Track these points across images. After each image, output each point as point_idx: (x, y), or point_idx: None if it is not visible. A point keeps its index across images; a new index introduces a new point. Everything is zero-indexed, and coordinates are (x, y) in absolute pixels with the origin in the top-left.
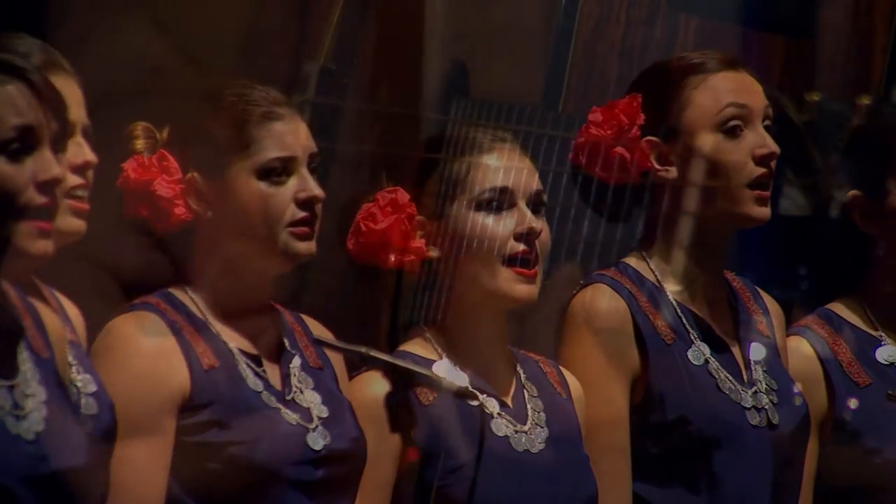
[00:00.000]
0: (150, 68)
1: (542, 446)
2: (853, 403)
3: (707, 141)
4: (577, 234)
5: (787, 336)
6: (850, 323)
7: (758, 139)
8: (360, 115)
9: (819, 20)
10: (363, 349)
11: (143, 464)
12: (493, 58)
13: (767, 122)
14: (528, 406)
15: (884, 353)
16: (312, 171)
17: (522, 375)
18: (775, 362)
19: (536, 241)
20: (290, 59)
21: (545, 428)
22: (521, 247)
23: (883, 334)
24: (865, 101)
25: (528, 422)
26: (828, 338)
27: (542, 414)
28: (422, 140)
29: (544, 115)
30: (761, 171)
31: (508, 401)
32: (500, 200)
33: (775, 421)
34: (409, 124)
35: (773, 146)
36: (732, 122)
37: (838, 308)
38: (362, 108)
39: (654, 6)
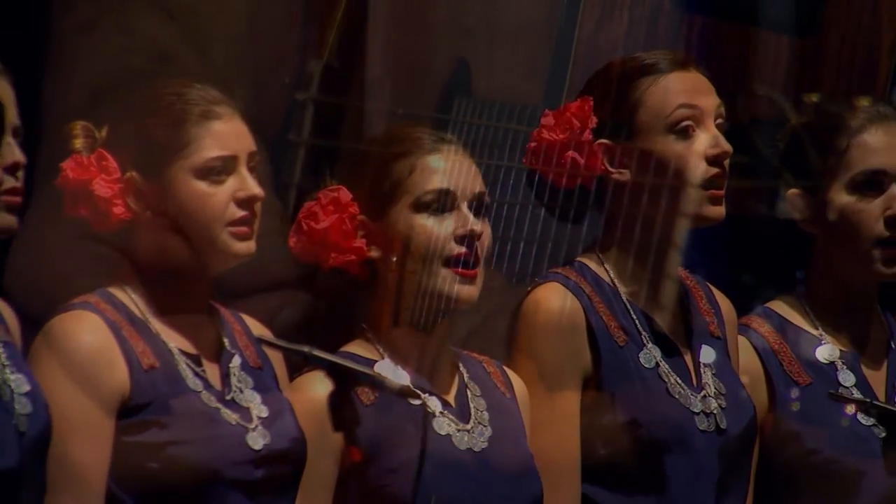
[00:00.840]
0: (158, 57)
1: (484, 445)
2: (795, 406)
3: (659, 142)
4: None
5: None
6: (790, 322)
7: (710, 139)
8: (364, 113)
9: (825, 19)
10: (306, 348)
11: (82, 463)
12: (494, 56)
13: (720, 122)
14: (471, 405)
15: (824, 353)
16: (251, 170)
17: (465, 375)
18: (725, 365)
19: (477, 243)
20: (295, 56)
21: (488, 427)
22: (462, 248)
23: (823, 333)
24: (865, 102)
25: (471, 421)
26: (769, 336)
27: (486, 413)
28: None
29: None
30: (714, 170)
31: (451, 400)
32: (441, 202)
33: (723, 425)
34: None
35: (725, 146)
36: (684, 123)
37: (779, 306)
38: (365, 106)
39: (658, 4)
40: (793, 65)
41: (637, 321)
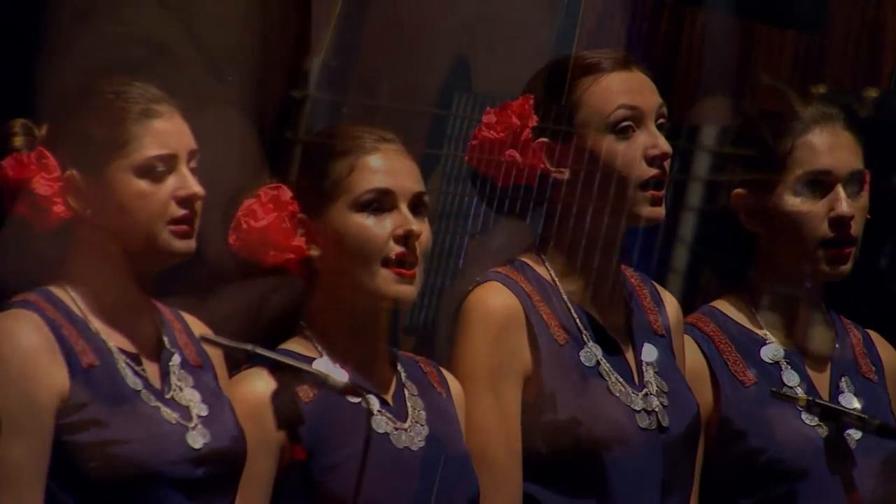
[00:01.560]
0: (153, 48)
1: (422, 444)
2: (740, 406)
3: (599, 141)
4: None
5: None
6: (734, 321)
7: (650, 139)
8: (361, 111)
9: (829, 14)
10: (249, 346)
11: (21, 463)
12: (495, 51)
13: (662, 122)
14: (409, 404)
15: (768, 352)
16: (192, 168)
17: (402, 374)
18: (668, 363)
19: (416, 243)
20: (292, 53)
21: (425, 426)
22: (400, 248)
23: (767, 333)
24: (872, 93)
25: (409, 420)
26: (714, 335)
27: (423, 412)
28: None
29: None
30: (653, 171)
31: (389, 398)
32: (380, 202)
33: (665, 423)
34: (410, 119)
35: (664, 146)
36: (624, 123)
37: (723, 306)
38: (363, 102)
39: (661, 0)
40: (797, 61)
41: (578, 319)
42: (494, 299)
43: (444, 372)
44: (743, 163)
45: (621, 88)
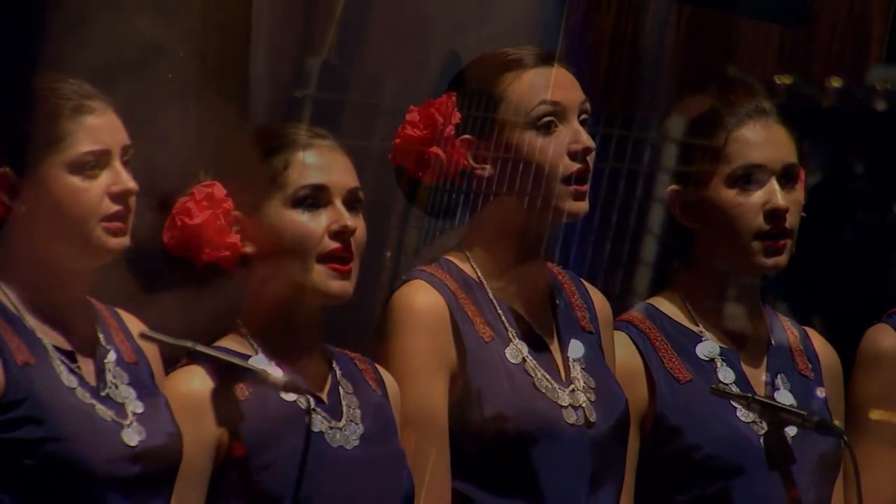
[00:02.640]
0: (150, 50)
1: (356, 443)
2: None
3: (521, 138)
4: None
5: None
6: (670, 318)
7: (572, 135)
8: (362, 110)
9: (814, 9)
10: (189, 343)
11: None
12: (482, 48)
13: (585, 117)
14: (344, 402)
15: (704, 349)
16: (126, 164)
17: (338, 372)
18: (596, 359)
19: (352, 239)
20: (294, 53)
21: (360, 424)
22: (336, 244)
23: (703, 330)
24: (836, 83)
25: (343, 418)
26: (649, 333)
27: (358, 410)
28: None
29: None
30: (577, 166)
31: (324, 397)
32: (315, 198)
33: (592, 419)
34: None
35: (587, 141)
36: (546, 119)
37: (660, 303)
38: (364, 102)
39: None
40: (782, 55)
41: (503, 317)
42: (419, 297)
43: (380, 369)
44: (677, 159)
45: (543, 84)
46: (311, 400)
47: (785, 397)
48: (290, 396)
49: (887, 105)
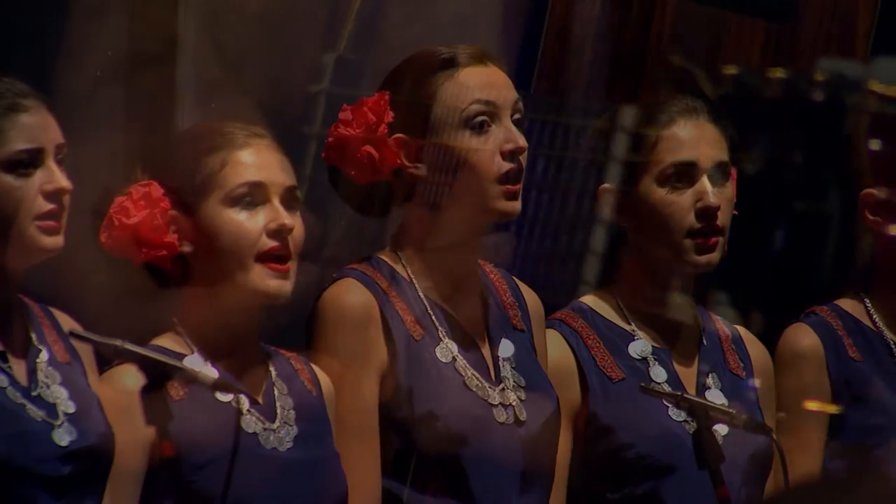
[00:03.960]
0: (168, 41)
1: (290, 444)
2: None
3: (454, 137)
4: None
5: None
6: (603, 317)
7: (505, 134)
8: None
9: (800, 3)
10: (118, 342)
11: None
12: (474, 41)
13: (518, 117)
14: (278, 404)
15: (636, 348)
16: (60, 162)
17: (273, 373)
18: (527, 357)
19: (290, 238)
20: (309, 48)
21: (294, 426)
22: (274, 243)
23: (636, 328)
24: (779, 73)
25: (278, 420)
26: (581, 331)
27: (292, 412)
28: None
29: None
30: (509, 166)
31: (258, 398)
32: (253, 196)
33: (523, 417)
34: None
35: (519, 141)
36: (479, 118)
37: (592, 301)
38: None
39: None
40: (767, 49)
41: (434, 316)
42: (349, 296)
43: (316, 369)
44: (609, 157)
45: (476, 83)
46: (246, 401)
47: (716, 396)
48: (224, 397)
49: (826, 96)
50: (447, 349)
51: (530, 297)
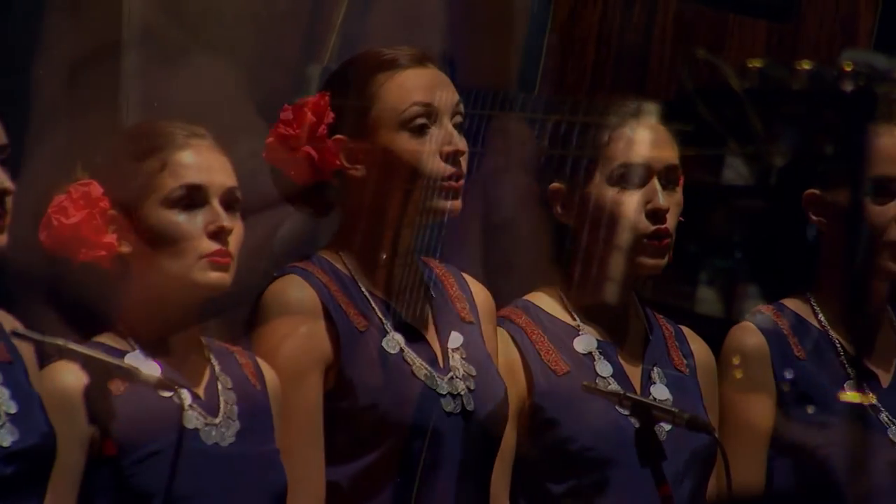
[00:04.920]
0: (112, 40)
1: (232, 440)
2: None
3: (394, 138)
4: None
5: None
6: (548, 313)
7: (445, 137)
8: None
9: (802, 4)
10: (61, 341)
11: None
12: (469, 43)
13: (458, 119)
14: (221, 398)
15: (581, 343)
16: (2, 163)
17: (216, 367)
18: (476, 348)
19: (230, 239)
20: (294, 59)
21: (236, 421)
22: (216, 246)
23: (581, 324)
24: (806, 65)
25: (220, 414)
26: (526, 327)
27: (235, 407)
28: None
29: (517, 99)
30: (449, 169)
31: (201, 392)
32: (192, 198)
33: (470, 407)
34: None
35: (458, 144)
36: (418, 121)
37: (537, 298)
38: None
39: None
40: (769, 50)
41: (378, 310)
42: (291, 291)
43: (261, 363)
44: (560, 156)
45: (416, 85)
46: (188, 396)
47: (660, 392)
48: (166, 393)
49: (855, 86)
50: (394, 340)
51: (479, 291)
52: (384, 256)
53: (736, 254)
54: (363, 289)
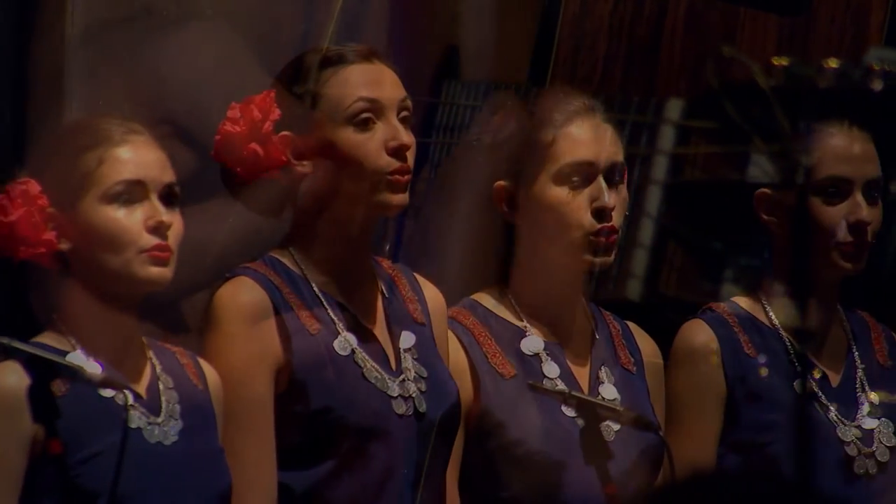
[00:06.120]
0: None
1: (175, 438)
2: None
3: (339, 134)
4: None
5: None
6: (494, 314)
7: (390, 132)
8: None
9: None
10: (5, 339)
11: None
12: (480, 36)
13: (405, 115)
14: (163, 398)
15: (528, 345)
16: None
17: (158, 367)
18: (428, 349)
19: (169, 233)
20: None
21: (179, 420)
22: (155, 241)
23: (527, 325)
24: (833, 63)
25: (162, 413)
26: (473, 328)
27: (177, 406)
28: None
29: (528, 92)
30: (396, 163)
31: (142, 391)
32: (131, 193)
33: (422, 409)
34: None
35: (403, 138)
36: (363, 116)
37: (484, 298)
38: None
39: None
40: (781, 44)
41: (330, 310)
42: (242, 294)
43: (202, 363)
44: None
45: (361, 81)
46: (130, 395)
47: (609, 391)
48: (108, 392)
49: (884, 85)
50: (345, 342)
51: (430, 291)
52: (335, 254)
53: (764, 253)
54: (315, 288)
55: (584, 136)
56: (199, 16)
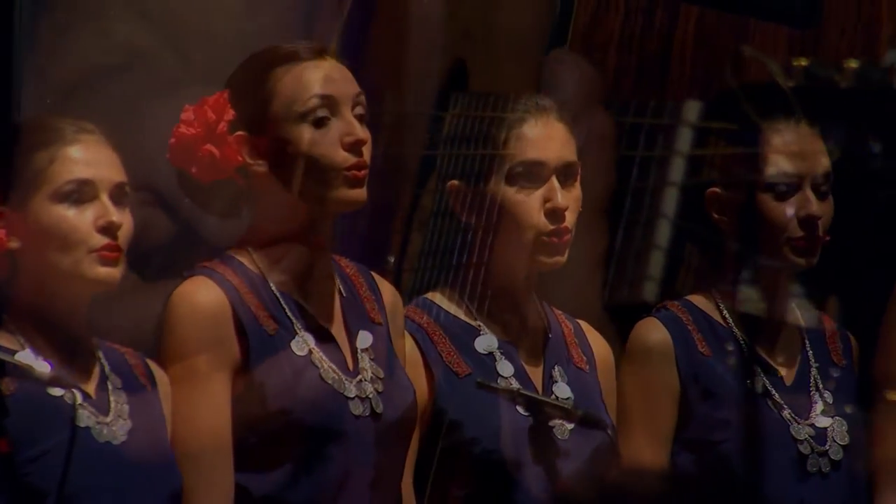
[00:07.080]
0: (133, 57)
1: (124, 438)
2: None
3: (294, 132)
4: None
5: None
6: (448, 312)
7: (345, 127)
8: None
9: (824, 11)
10: None
11: None
12: (490, 47)
13: (360, 111)
14: (112, 397)
15: (482, 343)
16: None
17: (106, 367)
18: (385, 350)
19: (119, 233)
20: None
21: (128, 420)
22: (105, 240)
23: (481, 324)
24: (853, 64)
25: (111, 413)
26: (427, 327)
27: (126, 406)
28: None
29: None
30: (353, 159)
31: (91, 391)
32: (81, 193)
33: (379, 410)
34: (412, 122)
35: (358, 134)
36: (318, 113)
37: (437, 298)
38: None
39: None
40: (791, 56)
41: (287, 309)
42: (199, 294)
43: (152, 364)
44: (457, 154)
45: (314, 78)
46: (79, 395)
47: (562, 390)
48: (56, 391)
49: None
50: (303, 342)
51: (387, 290)
52: (293, 253)
53: (718, 251)
54: (273, 287)
55: (537, 135)
56: (193, 73)
